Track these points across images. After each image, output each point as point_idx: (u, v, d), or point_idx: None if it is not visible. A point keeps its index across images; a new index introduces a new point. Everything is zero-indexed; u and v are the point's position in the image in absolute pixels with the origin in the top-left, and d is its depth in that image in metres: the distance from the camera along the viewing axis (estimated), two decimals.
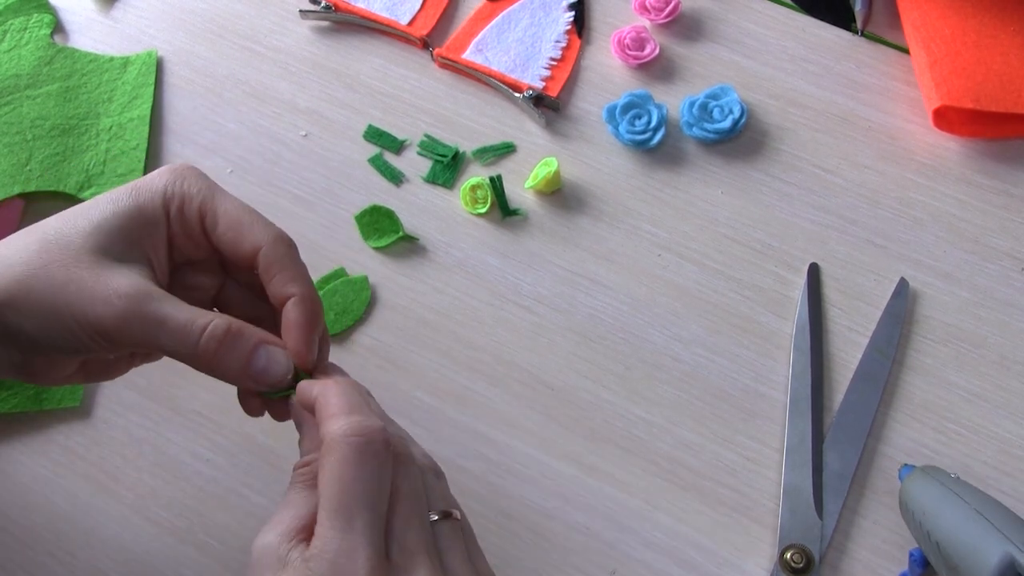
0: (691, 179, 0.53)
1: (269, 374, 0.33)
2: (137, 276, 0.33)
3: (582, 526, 0.45)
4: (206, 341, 0.32)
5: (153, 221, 0.34)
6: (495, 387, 0.48)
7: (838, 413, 0.46)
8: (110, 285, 0.32)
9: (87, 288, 0.32)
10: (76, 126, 0.55)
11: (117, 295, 0.32)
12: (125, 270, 0.33)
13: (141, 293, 0.32)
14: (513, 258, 0.51)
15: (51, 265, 0.32)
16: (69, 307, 0.32)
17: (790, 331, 0.48)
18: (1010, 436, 0.45)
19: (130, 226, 0.34)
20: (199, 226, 0.35)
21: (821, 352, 0.47)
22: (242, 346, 0.33)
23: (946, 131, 0.53)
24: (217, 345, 0.32)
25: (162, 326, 0.32)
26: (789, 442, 0.45)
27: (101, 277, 0.32)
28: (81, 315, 0.32)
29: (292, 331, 0.34)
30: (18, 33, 0.58)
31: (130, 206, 0.34)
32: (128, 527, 0.45)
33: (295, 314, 0.34)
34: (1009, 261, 0.50)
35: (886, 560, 0.43)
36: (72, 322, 0.32)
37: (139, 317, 0.32)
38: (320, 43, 0.58)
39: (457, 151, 0.54)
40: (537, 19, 0.58)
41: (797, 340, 0.47)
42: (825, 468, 0.44)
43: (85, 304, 0.32)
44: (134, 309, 0.32)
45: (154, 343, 0.32)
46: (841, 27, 0.57)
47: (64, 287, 0.32)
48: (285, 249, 0.35)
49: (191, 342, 0.32)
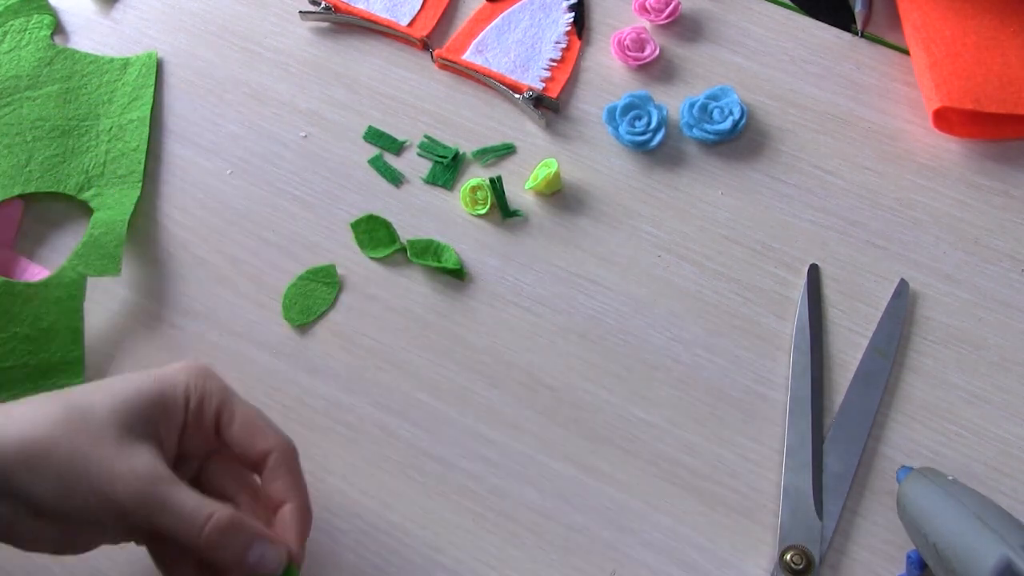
0: (691, 180, 0.53)
1: (262, 568, 0.35)
2: (153, 458, 0.35)
3: (582, 527, 0.45)
4: (209, 532, 0.34)
5: (173, 411, 0.37)
6: (495, 388, 0.48)
7: (838, 414, 0.46)
8: (129, 463, 0.34)
9: (108, 463, 0.34)
10: (76, 127, 0.55)
11: (135, 475, 0.34)
12: (143, 450, 0.35)
13: (157, 475, 0.34)
14: (513, 259, 0.51)
15: (76, 434, 0.34)
16: (88, 478, 0.33)
17: (790, 332, 0.48)
18: (1010, 437, 0.45)
19: (151, 410, 0.36)
20: (213, 423, 0.38)
21: (821, 353, 0.47)
22: (242, 539, 0.35)
23: (946, 132, 0.53)
24: (219, 536, 0.34)
25: (173, 510, 0.34)
26: (789, 443, 0.45)
27: (122, 454, 0.34)
28: (99, 488, 0.33)
29: (289, 536, 0.37)
30: (18, 34, 0.58)
31: (153, 391, 0.36)
32: None
33: (292, 521, 0.37)
34: (1009, 262, 0.50)
35: (886, 561, 0.43)
36: (89, 493, 0.33)
37: (153, 498, 0.34)
38: (320, 44, 0.58)
39: (457, 152, 0.54)
40: (537, 20, 0.58)
41: (797, 341, 0.47)
42: (825, 469, 0.44)
43: (104, 478, 0.33)
44: (150, 491, 0.34)
45: (159, 525, 0.34)
46: (841, 28, 0.57)
47: (86, 458, 0.34)
48: (291, 458, 0.38)
49: (195, 530, 0.34)
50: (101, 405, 0.35)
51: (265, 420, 0.38)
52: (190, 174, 0.54)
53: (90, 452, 0.34)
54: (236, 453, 0.38)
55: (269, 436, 0.37)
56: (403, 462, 0.46)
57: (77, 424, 0.34)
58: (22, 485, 0.33)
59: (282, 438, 0.38)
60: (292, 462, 0.38)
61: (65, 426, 0.34)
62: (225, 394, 0.38)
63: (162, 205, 0.53)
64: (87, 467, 0.33)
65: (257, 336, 0.49)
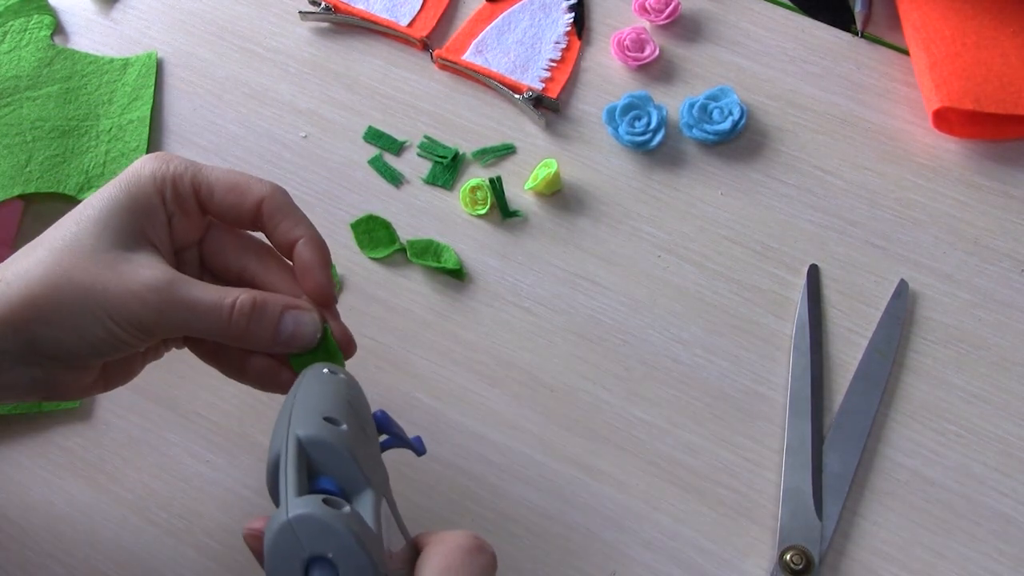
0: (691, 180, 0.53)
1: (299, 336, 0.35)
2: (158, 265, 0.34)
3: (582, 527, 0.45)
4: (236, 318, 0.34)
5: (151, 207, 0.35)
6: (495, 388, 0.48)
7: (838, 414, 0.46)
8: (137, 279, 0.33)
9: (115, 287, 0.33)
10: (76, 127, 0.55)
11: (147, 288, 0.33)
12: (144, 261, 0.34)
13: (168, 281, 0.33)
14: (513, 259, 0.51)
15: (71, 272, 0.33)
16: (103, 308, 0.33)
17: (790, 332, 0.48)
18: (1010, 438, 0.45)
19: (131, 217, 0.35)
20: (194, 200, 0.36)
21: (821, 353, 0.47)
22: (269, 316, 0.34)
23: (946, 132, 0.53)
24: (247, 320, 0.34)
25: (194, 310, 0.33)
26: (789, 443, 0.45)
27: (125, 273, 0.33)
28: (116, 314, 0.33)
29: (309, 270, 0.36)
30: (18, 34, 0.58)
31: (126, 198, 0.35)
32: (127, 528, 0.45)
33: (308, 253, 0.36)
34: (1009, 262, 0.50)
35: (886, 562, 0.43)
36: (108, 322, 0.33)
37: (172, 305, 0.33)
38: (320, 44, 0.58)
39: (457, 152, 0.54)
40: (537, 20, 0.58)
41: (797, 341, 0.47)
42: (825, 469, 0.44)
43: (118, 303, 0.33)
44: (167, 299, 0.33)
45: (187, 327, 0.34)
46: (841, 28, 0.57)
47: (91, 290, 0.33)
48: (285, 197, 0.37)
49: (222, 322, 0.34)
50: (84, 234, 0.34)
51: (244, 175, 0.37)
52: None
53: (94, 283, 0.33)
54: (230, 220, 0.37)
55: (254, 187, 0.36)
56: (402, 462, 0.46)
57: (70, 261, 0.33)
58: (44, 341, 0.33)
59: (268, 184, 0.36)
60: (287, 201, 0.37)
61: (59, 268, 0.33)
62: (194, 168, 0.36)
63: None
64: (96, 298, 0.33)
65: None
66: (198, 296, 0.33)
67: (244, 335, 0.34)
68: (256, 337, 0.34)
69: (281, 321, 0.34)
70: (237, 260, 0.38)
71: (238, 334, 0.34)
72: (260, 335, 0.34)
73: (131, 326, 0.33)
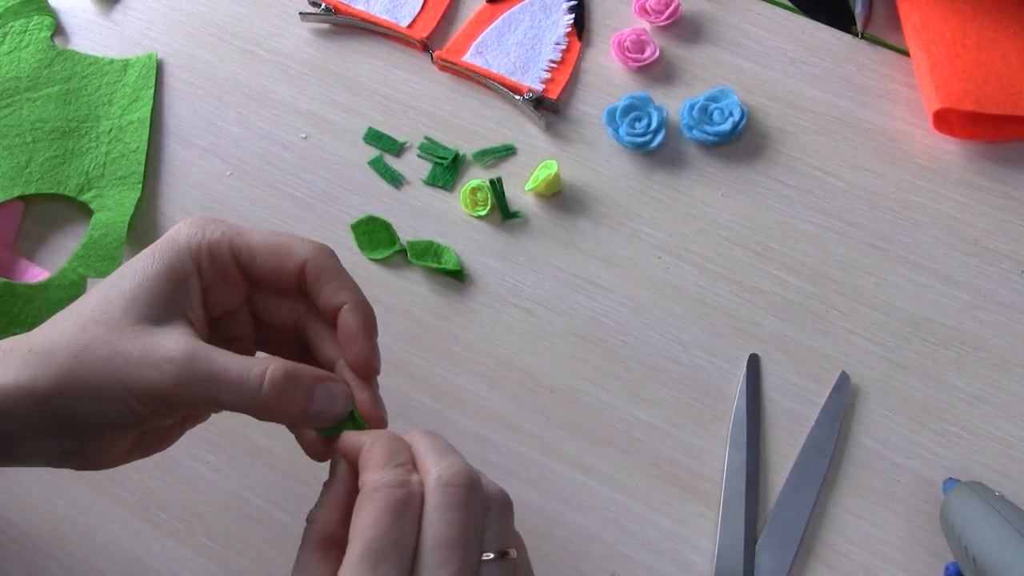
0: (691, 182, 0.53)
1: (330, 410, 0.33)
2: (181, 336, 0.33)
3: (582, 528, 0.45)
4: (268, 390, 0.32)
5: (184, 277, 0.34)
6: (495, 389, 0.48)
7: (773, 512, 0.44)
8: (157, 351, 0.32)
9: (134, 359, 0.32)
10: (76, 128, 0.55)
11: (166, 360, 0.32)
12: (169, 333, 0.33)
13: (189, 352, 0.32)
14: (513, 260, 0.51)
15: (93, 344, 0.32)
16: (121, 381, 0.32)
17: (791, 333, 0.48)
18: (1010, 439, 0.45)
19: (164, 288, 0.33)
20: (234, 266, 0.35)
21: (758, 447, 0.45)
22: (301, 387, 0.33)
23: (946, 133, 0.53)
24: (278, 393, 0.32)
25: (217, 382, 0.32)
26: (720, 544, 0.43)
27: (146, 345, 0.32)
28: (134, 386, 0.32)
29: (353, 338, 0.34)
30: (18, 35, 0.58)
31: (160, 268, 0.34)
32: (128, 529, 0.45)
33: (353, 320, 0.34)
34: (1009, 263, 0.50)
35: (886, 562, 0.43)
36: (127, 395, 0.32)
37: (193, 377, 0.32)
38: (320, 45, 0.58)
39: (457, 153, 0.54)
40: (537, 21, 0.58)
41: (734, 435, 0.46)
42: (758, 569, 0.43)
43: (135, 375, 0.32)
44: (186, 370, 0.32)
45: (211, 400, 0.32)
46: (841, 29, 0.57)
47: (111, 362, 0.32)
48: (329, 258, 0.35)
49: (251, 393, 0.32)
50: (113, 306, 0.33)
51: (286, 235, 0.35)
52: (190, 175, 0.54)
53: (113, 355, 0.32)
54: (273, 284, 0.35)
55: (296, 248, 0.35)
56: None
57: (94, 334, 0.32)
58: (68, 415, 0.32)
59: (312, 244, 0.35)
60: (332, 263, 0.35)
61: (82, 339, 0.32)
62: (232, 232, 0.35)
63: (162, 206, 0.53)
64: (115, 371, 0.31)
65: None
66: (222, 366, 0.32)
67: (275, 408, 0.32)
68: (286, 410, 0.33)
69: (314, 393, 0.33)
70: (289, 316, 0.37)
71: (270, 405, 0.32)
72: (291, 407, 0.33)
73: (150, 400, 0.32)
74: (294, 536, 0.45)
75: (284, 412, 0.32)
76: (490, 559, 0.30)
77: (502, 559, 0.30)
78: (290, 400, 0.32)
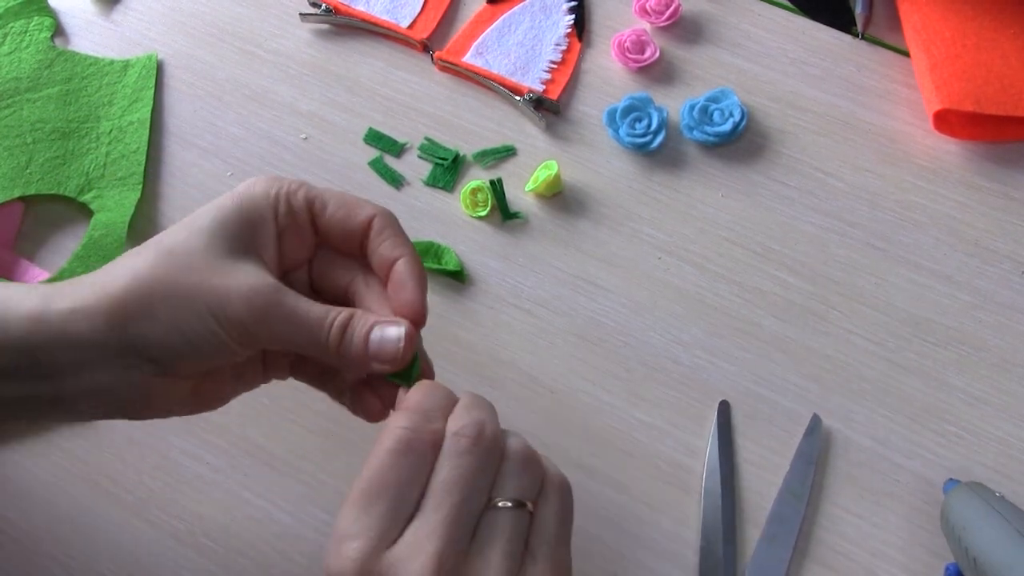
0: (691, 182, 0.53)
1: (385, 347, 0.34)
2: (264, 273, 0.34)
3: (582, 529, 0.44)
4: (334, 332, 0.34)
5: (262, 221, 0.35)
6: (495, 390, 0.48)
7: (749, 564, 0.43)
8: (244, 282, 0.33)
9: (221, 287, 0.33)
10: (76, 129, 0.55)
11: (254, 291, 0.33)
12: (252, 269, 0.34)
13: (275, 288, 0.34)
14: (513, 261, 0.51)
15: (178, 271, 0.33)
16: (207, 305, 0.33)
17: (793, 334, 0.48)
18: (1010, 439, 0.45)
19: (241, 229, 0.35)
20: (307, 214, 0.36)
21: (733, 497, 0.44)
22: (359, 327, 0.34)
23: (946, 134, 0.53)
24: (340, 333, 0.34)
25: (297, 322, 0.33)
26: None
27: (232, 277, 0.33)
28: (220, 313, 0.33)
29: (403, 285, 0.36)
30: (18, 36, 0.58)
31: (238, 210, 0.35)
32: (128, 530, 0.45)
33: (407, 268, 0.36)
34: (1009, 264, 0.50)
35: (886, 562, 0.43)
36: (211, 321, 0.33)
37: (276, 312, 0.33)
38: (320, 46, 0.58)
39: (457, 154, 0.54)
40: (537, 22, 0.58)
41: (708, 485, 0.45)
42: None
43: (223, 302, 0.33)
44: (273, 304, 0.33)
45: (287, 339, 0.34)
46: (841, 30, 0.57)
47: (198, 288, 0.33)
48: (393, 217, 0.37)
49: (323, 336, 0.34)
50: (194, 239, 0.34)
51: (355, 196, 0.37)
52: (190, 176, 0.54)
53: (201, 282, 0.33)
54: (338, 235, 0.37)
55: (366, 205, 0.37)
56: None
57: (173, 261, 0.33)
58: (140, 336, 0.33)
59: (379, 206, 0.37)
60: (395, 223, 0.37)
61: (167, 267, 0.33)
62: (306, 185, 0.37)
63: (162, 207, 0.53)
64: (203, 296, 0.33)
65: None
66: (305, 309, 0.34)
67: (337, 349, 0.34)
68: (347, 351, 0.34)
69: (371, 333, 0.34)
70: (343, 278, 0.38)
71: (333, 348, 0.34)
72: (351, 348, 0.34)
73: (234, 328, 0.33)
74: (294, 536, 0.45)
75: (346, 353, 0.34)
76: (502, 507, 0.31)
77: (517, 509, 0.31)
78: (349, 341, 0.34)
